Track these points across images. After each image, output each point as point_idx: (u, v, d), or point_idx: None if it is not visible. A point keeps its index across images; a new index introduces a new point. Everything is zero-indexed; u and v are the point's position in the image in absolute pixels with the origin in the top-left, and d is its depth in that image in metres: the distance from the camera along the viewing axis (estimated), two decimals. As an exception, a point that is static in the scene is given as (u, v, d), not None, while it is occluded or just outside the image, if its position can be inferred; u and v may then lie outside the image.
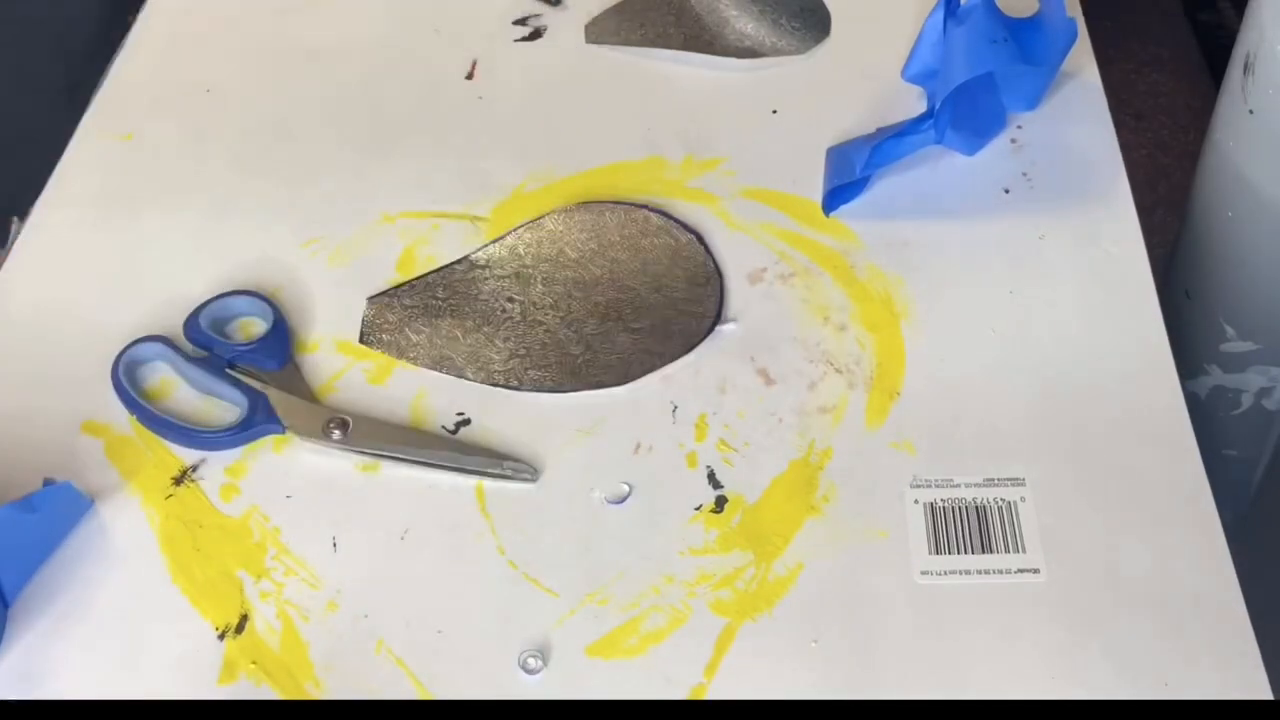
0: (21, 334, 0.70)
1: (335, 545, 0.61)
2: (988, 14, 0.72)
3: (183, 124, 0.80)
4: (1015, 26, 0.73)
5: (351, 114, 0.80)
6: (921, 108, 0.75)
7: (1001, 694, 0.55)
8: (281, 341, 0.67)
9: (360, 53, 0.85)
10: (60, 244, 0.74)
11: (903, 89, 0.78)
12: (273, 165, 0.78)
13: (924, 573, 0.58)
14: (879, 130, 0.75)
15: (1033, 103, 0.77)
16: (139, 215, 0.75)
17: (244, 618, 0.59)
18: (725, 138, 0.78)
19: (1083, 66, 0.79)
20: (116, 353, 0.66)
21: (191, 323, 0.67)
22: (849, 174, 0.72)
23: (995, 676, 0.55)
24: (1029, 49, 0.73)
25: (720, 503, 0.61)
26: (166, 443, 0.64)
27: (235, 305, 0.69)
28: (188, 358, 0.66)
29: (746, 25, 0.83)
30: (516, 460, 0.62)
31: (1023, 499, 0.61)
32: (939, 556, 0.59)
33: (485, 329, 0.67)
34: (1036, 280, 0.69)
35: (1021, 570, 0.58)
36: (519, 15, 0.87)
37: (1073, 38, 0.74)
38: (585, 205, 0.73)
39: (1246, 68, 0.80)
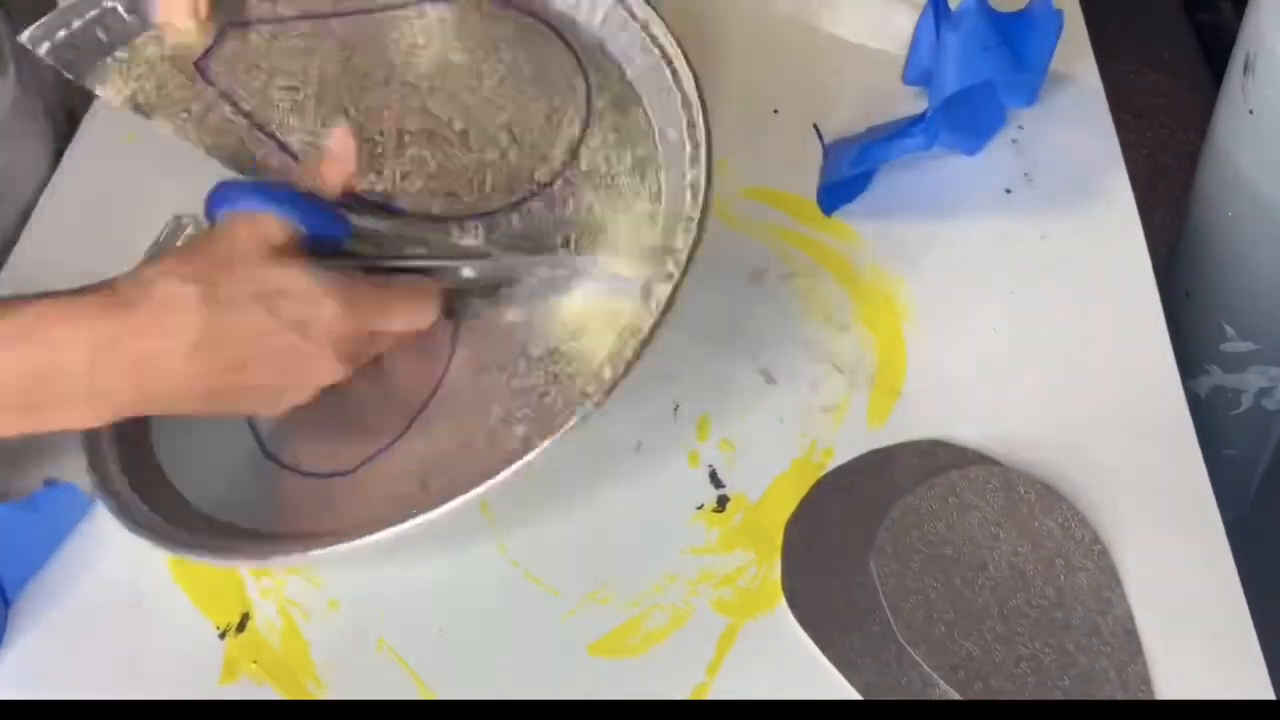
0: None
1: (336, 544, 0.61)
2: (981, 18, 0.71)
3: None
4: (1006, 23, 0.73)
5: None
6: (923, 104, 0.75)
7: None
8: None
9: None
10: (61, 244, 0.74)
11: (903, 88, 0.78)
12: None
13: (926, 572, 0.58)
14: (872, 129, 0.74)
15: (1030, 98, 0.76)
16: (139, 215, 0.75)
17: (245, 616, 0.59)
18: (725, 137, 0.78)
19: (1083, 67, 0.79)
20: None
21: None
22: (837, 173, 0.71)
23: (997, 676, 0.55)
24: (1021, 46, 0.73)
25: (722, 502, 0.61)
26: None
27: None
28: None
29: None
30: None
31: (1024, 498, 0.60)
32: (941, 556, 0.59)
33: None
34: (1038, 280, 0.69)
35: (1023, 569, 0.58)
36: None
37: (1059, 27, 0.73)
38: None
39: (1246, 68, 0.80)
